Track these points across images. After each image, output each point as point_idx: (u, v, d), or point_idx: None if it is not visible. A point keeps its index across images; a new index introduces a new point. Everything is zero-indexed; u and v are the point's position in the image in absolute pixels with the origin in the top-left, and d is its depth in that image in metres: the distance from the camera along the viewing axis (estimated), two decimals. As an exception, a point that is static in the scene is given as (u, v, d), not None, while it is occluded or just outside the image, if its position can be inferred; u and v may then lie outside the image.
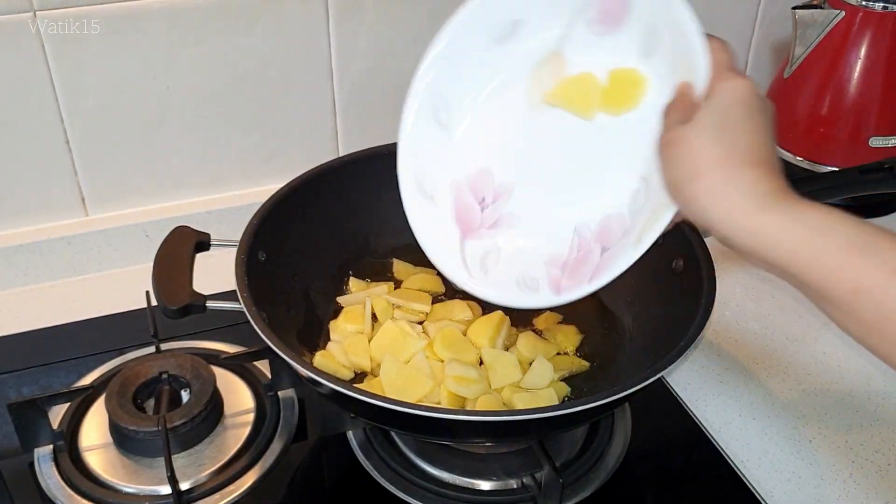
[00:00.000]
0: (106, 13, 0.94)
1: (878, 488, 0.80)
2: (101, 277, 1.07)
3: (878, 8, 1.10)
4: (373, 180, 0.94)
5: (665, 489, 0.81)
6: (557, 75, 0.69)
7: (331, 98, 1.09)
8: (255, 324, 0.71)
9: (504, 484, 0.78)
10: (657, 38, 0.63)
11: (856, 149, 1.15)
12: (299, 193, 0.87)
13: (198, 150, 1.07)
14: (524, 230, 0.71)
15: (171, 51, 0.99)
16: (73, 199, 1.04)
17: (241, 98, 1.05)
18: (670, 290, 0.82)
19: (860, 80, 1.13)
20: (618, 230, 0.65)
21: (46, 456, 0.80)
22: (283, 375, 0.85)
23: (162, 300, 0.73)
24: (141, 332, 0.91)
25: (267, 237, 0.82)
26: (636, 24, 0.64)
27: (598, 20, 0.66)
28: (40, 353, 0.93)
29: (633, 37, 0.65)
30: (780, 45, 1.31)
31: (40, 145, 0.99)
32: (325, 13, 1.03)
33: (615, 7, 0.65)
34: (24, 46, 0.92)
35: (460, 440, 0.79)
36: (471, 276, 0.70)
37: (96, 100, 0.99)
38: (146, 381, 0.84)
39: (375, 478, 0.79)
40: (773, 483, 0.80)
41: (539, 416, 0.65)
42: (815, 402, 0.89)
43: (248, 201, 1.07)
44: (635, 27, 0.64)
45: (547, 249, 0.69)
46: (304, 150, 1.11)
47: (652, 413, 0.87)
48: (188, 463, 0.79)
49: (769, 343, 0.97)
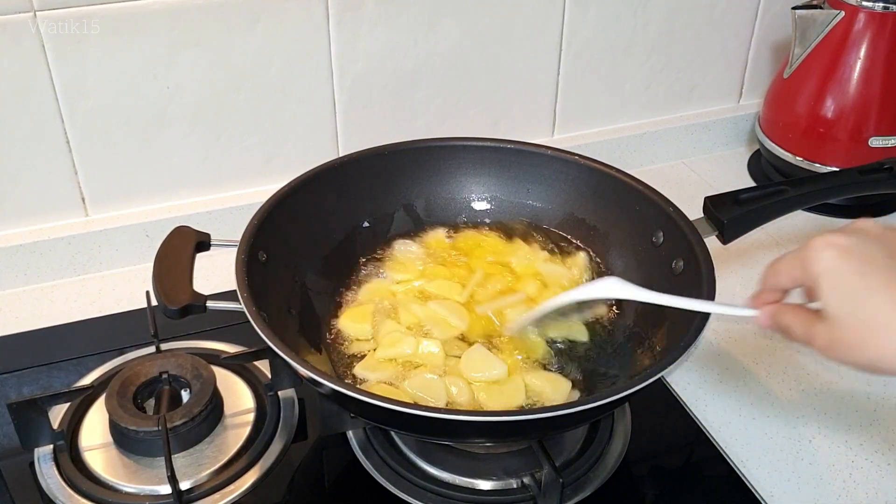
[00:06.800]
0: (106, 13, 0.94)
1: (878, 488, 0.80)
2: (101, 277, 1.07)
3: (878, 8, 1.10)
4: (373, 180, 0.94)
5: (665, 489, 0.81)
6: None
7: (331, 98, 1.09)
8: (255, 324, 0.71)
9: (504, 484, 0.78)
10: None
11: (856, 149, 1.15)
12: (299, 193, 0.87)
13: (198, 150, 1.07)
14: None
15: (171, 51, 0.99)
16: (73, 199, 1.04)
17: (241, 98, 1.05)
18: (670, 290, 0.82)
19: (860, 80, 1.13)
20: None
21: (47, 456, 0.80)
22: (283, 375, 0.85)
23: (162, 300, 0.73)
24: (141, 332, 0.91)
25: (267, 237, 0.82)
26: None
27: None
28: (40, 353, 0.94)
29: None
30: (780, 45, 1.31)
31: (40, 145, 0.99)
32: (325, 13, 1.03)
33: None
34: (24, 46, 0.92)
35: (460, 440, 0.79)
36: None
37: (96, 100, 0.99)
38: (146, 381, 0.84)
39: (375, 478, 0.79)
40: (773, 483, 0.80)
41: (539, 416, 0.65)
42: (815, 402, 0.89)
43: (248, 201, 1.07)
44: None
45: None
46: (304, 150, 1.11)
47: (652, 413, 0.87)
48: (188, 463, 0.79)
49: (769, 343, 0.97)
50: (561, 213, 0.96)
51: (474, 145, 0.97)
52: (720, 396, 0.90)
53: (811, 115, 1.17)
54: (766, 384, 0.92)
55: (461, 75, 1.15)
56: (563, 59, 1.19)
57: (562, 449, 0.81)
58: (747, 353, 0.96)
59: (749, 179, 1.30)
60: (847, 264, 0.57)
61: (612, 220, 0.92)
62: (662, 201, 0.86)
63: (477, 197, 0.98)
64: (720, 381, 0.92)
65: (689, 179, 1.30)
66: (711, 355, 0.95)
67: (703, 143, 1.34)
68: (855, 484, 0.80)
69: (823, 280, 0.57)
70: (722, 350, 0.96)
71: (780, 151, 1.21)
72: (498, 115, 1.20)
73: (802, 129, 1.18)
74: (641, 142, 1.29)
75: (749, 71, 1.33)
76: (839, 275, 0.57)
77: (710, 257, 0.78)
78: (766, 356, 0.95)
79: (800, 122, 1.18)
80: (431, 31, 1.10)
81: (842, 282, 0.57)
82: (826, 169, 1.17)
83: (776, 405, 0.89)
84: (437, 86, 1.14)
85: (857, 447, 0.84)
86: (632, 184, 0.89)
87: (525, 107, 1.21)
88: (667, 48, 1.25)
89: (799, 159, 1.19)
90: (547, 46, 1.18)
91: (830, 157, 1.17)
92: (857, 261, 0.57)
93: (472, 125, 1.18)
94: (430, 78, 1.13)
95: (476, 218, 0.98)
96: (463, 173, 0.97)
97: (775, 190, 0.84)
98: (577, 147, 1.06)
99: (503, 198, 0.98)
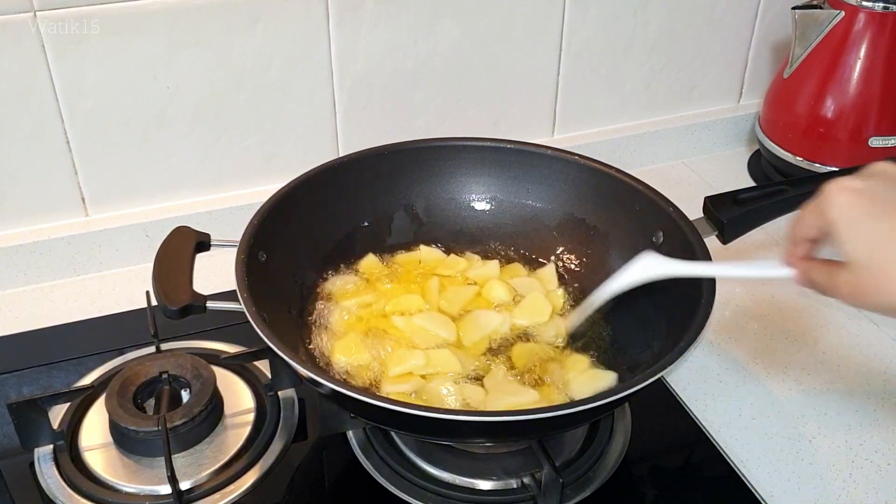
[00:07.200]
0: (106, 13, 0.94)
1: (878, 488, 0.80)
2: (101, 277, 1.07)
3: (878, 8, 1.10)
4: (373, 180, 0.94)
5: (665, 489, 0.81)
6: None
7: (331, 98, 1.09)
8: (255, 324, 0.71)
9: (504, 484, 0.78)
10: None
11: (856, 149, 1.15)
12: (299, 193, 0.87)
13: (198, 150, 1.07)
14: None
15: (171, 51, 0.99)
16: (73, 199, 1.04)
17: (241, 98, 1.05)
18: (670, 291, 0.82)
19: (860, 80, 1.13)
20: None
21: (47, 456, 0.80)
22: (283, 375, 0.85)
23: (162, 300, 0.73)
24: (141, 332, 0.91)
25: (267, 237, 0.82)
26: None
27: None
28: (40, 353, 0.94)
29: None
30: (780, 45, 1.31)
31: (40, 145, 0.99)
32: (325, 13, 1.03)
33: None
34: (24, 46, 0.92)
35: (460, 440, 0.79)
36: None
37: (96, 100, 0.99)
38: (146, 381, 0.84)
39: (375, 478, 0.79)
40: (773, 483, 0.80)
41: (539, 416, 0.65)
42: (815, 402, 0.89)
43: (248, 201, 1.07)
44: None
45: None
46: (304, 150, 1.11)
47: (652, 413, 0.87)
48: (188, 463, 0.79)
49: (769, 343, 0.97)
50: (561, 213, 0.96)
51: (474, 145, 0.97)
52: (720, 396, 0.90)
53: (811, 115, 1.17)
54: (766, 384, 0.92)
55: (461, 75, 1.15)
56: (563, 59, 1.19)
57: (562, 449, 0.81)
58: (747, 353, 0.96)
59: (749, 179, 1.30)
60: (860, 208, 0.56)
61: (612, 220, 0.92)
62: (662, 201, 0.86)
63: (477, 197, 0.98)
64: (720, 381, 0.92)
65: (689, 179, 1.30)
66: (711, 355, 0.95)
67: (703, 143, 1.34)
68: (855, 484, 0.80)
69: (839, 226, 0.56)
70: (722, 350, 0.96)
71: (780, 151, 1.21)
72: (498, 115, 1.20)
73: (802, 129, 1.18)
74: (641, 142, 1.29)
75: (749, 71, 1.33)
76: (853, 219, 0.56)
77: (710, 257, 0.78)
78: (766, 356, 0.95)
79: (800, 122, 1.18)
80: (431, 31, 1.10)
81: (857, 226, 0.56)
82: (826, 169, 1.17)
83: (776, 405, 0.89)
84: (437, 86, 1.14)
85: (857, 447, 0.84)
86: (632, 184, 0.89)
87: (525, 107, 1.21)
88: (667, 48, 1.25)
89: (799, 159, 1.19)
90: (547, 46, 1.18)
91: (830, 157, 1.17)
92: (871, 203, 0.56)
93: (472, 125, 1.18)
94: (430, 78, 1.13)
95: (476, 218, 0.98)
96: (463, 173, 0.97)
97: (775, 190, 0.84)
98: (577, 147, 1.06)
99: (503, 198, 0.98)
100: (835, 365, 0.94)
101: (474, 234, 0.98)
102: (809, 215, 0.60)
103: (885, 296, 0.55)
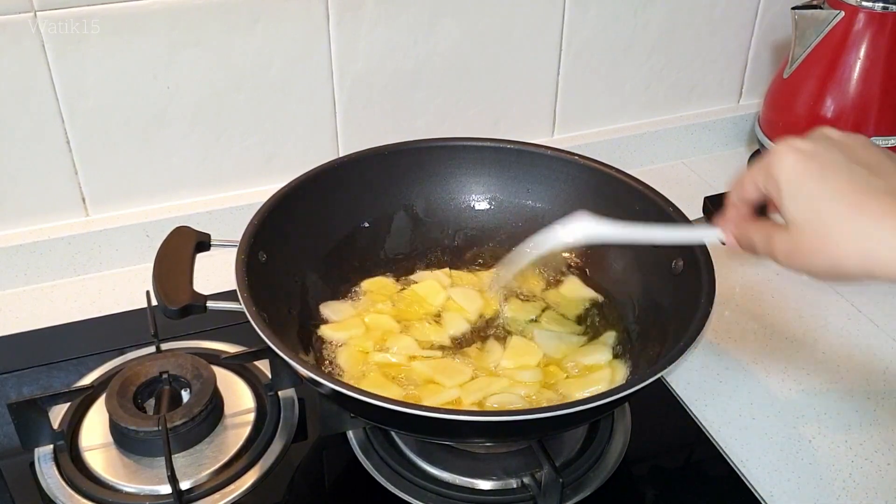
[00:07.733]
0: (106, 13, 0.94)
1: (878, 488, 0.80)
2: (101, 277, 1.07)
3: (878, 8, 1.10)
4: (373, 180, 0.94)
5: (665, 489, 0.81)
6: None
7: (331, 98, 1.09)
8: (255, 324, 0.71)
9: (504, 484, 0.78)
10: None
11: (856, 149, 1.15)
12: (299, 193, 0.87)
13: (198, 150, 1.07)
14: None
15: (171, 51, 0.99)
16: (73, 199, 1.04)
17: (241, 98, 1.05)
18: (670, 291, 0.82)
19: (860, 80, 1.13)
20: None
21: (47, 456, 0.80)
22: (283, 375, 0.85)
23: (162, 300, 0.73)
24: (141, 332, 0.91)
25: (267, 237, 0.82)
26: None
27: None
28: (40, 353, 0.94)
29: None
30: (780, 45, 1.31)
31: (40, 145, 0.99)
32: (325, 13, 1.03)
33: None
34: (24, 46, 0.92)
35: (460, 440, 0.79)
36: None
37: (96, 100, 0.99)
38: (146, 381, 0.84)
39: (375, 478, 0.79)
40: (773, 483, 0.80)
41: (539, 416, 0.65)
42: (815, 402, 0.89)
43: (248, 201, 1.07)
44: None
45: None
46: (304, 150, 1.11)
47: (652, 413, 0.87)
48: (188, 463, 0.79)
49: (769, 343, 0.97)
50: (561, 213, 0.95)
51: (474, 145, 0.97)
52: (720, 396, 0.90)
53: (811, 115, 1.16)
54: (766, 384, 0.92)
55: (461, 75, 1.15)
56: (563, 59, 1.19)
57: (562, 449, 0.81)
58: (747, 353, 0.96)
59: (749, 179, 1.30)
60: (808, 169, 0.56)
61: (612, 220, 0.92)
62: (662, 201, 0.86)
63: (477, 197, 0.98)
64: (720, 381, 0.92)
65: (689, 179, 1.30)
66: (711, 355, 0.95)
67: (703, 143, 1.34)
68: (855, 484, 0.80)
69: (784, 184, 0.56)
70: (722, 350, 0.96)
71: (780, 151, 1.21)
72: (498, 115, 1.20)
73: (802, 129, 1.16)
74: (641, 142, 1.29)
75: (749, 71, 1.33)
76: (800, 179, 0.56)
77: (710, 257, 0.78)
78: (766, 356, 0.95)
79: (800, 122, 1.18)
80: (431, 31, 1.10)
81: (802, 186, 0.56)
82: (826, 169, 1.17)
83: (776, 405, 0.89)
84: (437, 86, 1.14)
85: (857, 447, 0.84)
86: (632, 184, 0.89)
87: (525, 107, 1.21)
88: (667, 48, 1.25)
89: (799, 159, 1.19)
90: (547, 46, 1.18)
91: (830, 157, 1.17)
92: (819, 165, 0.56)
93: (472, 125, 1.18)
94: (430, 78, 1.13)
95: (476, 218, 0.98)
96: (463, 173, 0.97)
97: (775, 190, 0.84)
98: (577, 147, 1.07)
99: (503, 198, 0.98)
100: (835, 365, 0.94)
101: (474, 235, 0.98)
102: (756, 174, 0.60)
103: (821, 258, 0.55)
